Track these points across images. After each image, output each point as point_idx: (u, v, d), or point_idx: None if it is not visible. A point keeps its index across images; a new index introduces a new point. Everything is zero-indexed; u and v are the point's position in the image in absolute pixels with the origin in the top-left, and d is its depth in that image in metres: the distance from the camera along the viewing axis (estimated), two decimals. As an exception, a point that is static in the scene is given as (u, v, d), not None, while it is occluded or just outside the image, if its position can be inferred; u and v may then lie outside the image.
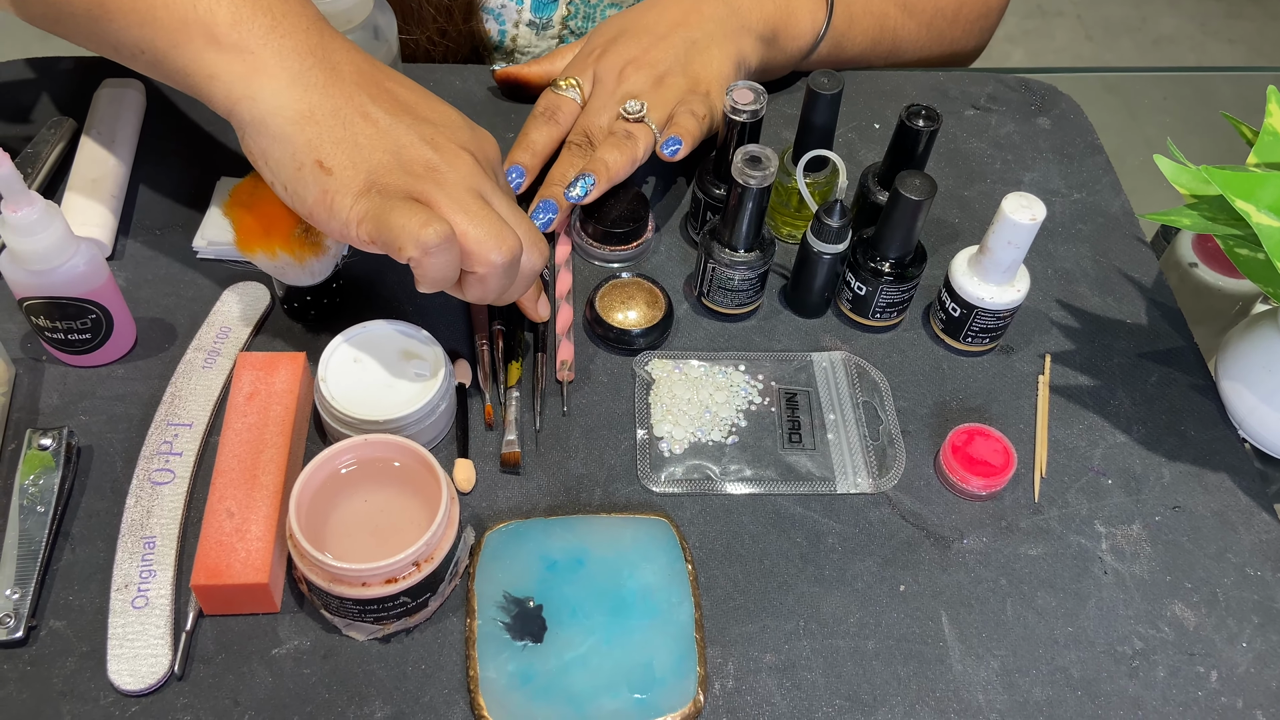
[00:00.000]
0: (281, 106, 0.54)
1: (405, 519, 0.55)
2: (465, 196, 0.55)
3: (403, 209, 0.52)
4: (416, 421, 0.59)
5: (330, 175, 0.54)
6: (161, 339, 0.65)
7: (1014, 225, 0.62)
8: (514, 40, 0.88)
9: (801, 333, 0.70)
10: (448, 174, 0.55)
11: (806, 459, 0.63)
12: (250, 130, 0.55)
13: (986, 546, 0.60)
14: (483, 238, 0.54)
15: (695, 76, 0.73)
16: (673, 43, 0.73)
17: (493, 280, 0.56)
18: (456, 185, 0.55)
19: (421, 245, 0.52)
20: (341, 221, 0.54)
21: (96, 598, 0.54)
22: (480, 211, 0.55)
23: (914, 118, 0.66)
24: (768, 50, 0.78)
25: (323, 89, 0.55)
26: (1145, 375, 0.69)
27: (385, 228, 0.52)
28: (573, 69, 0.75)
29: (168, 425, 0.60)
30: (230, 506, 0.54)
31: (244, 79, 0.54)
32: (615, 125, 0.71)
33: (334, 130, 0.54)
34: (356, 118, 0.55)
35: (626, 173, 0.69)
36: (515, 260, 0.56)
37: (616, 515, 0.59)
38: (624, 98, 0.71)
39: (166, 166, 0.74)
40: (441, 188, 0.54)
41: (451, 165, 0.56)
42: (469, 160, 0.57)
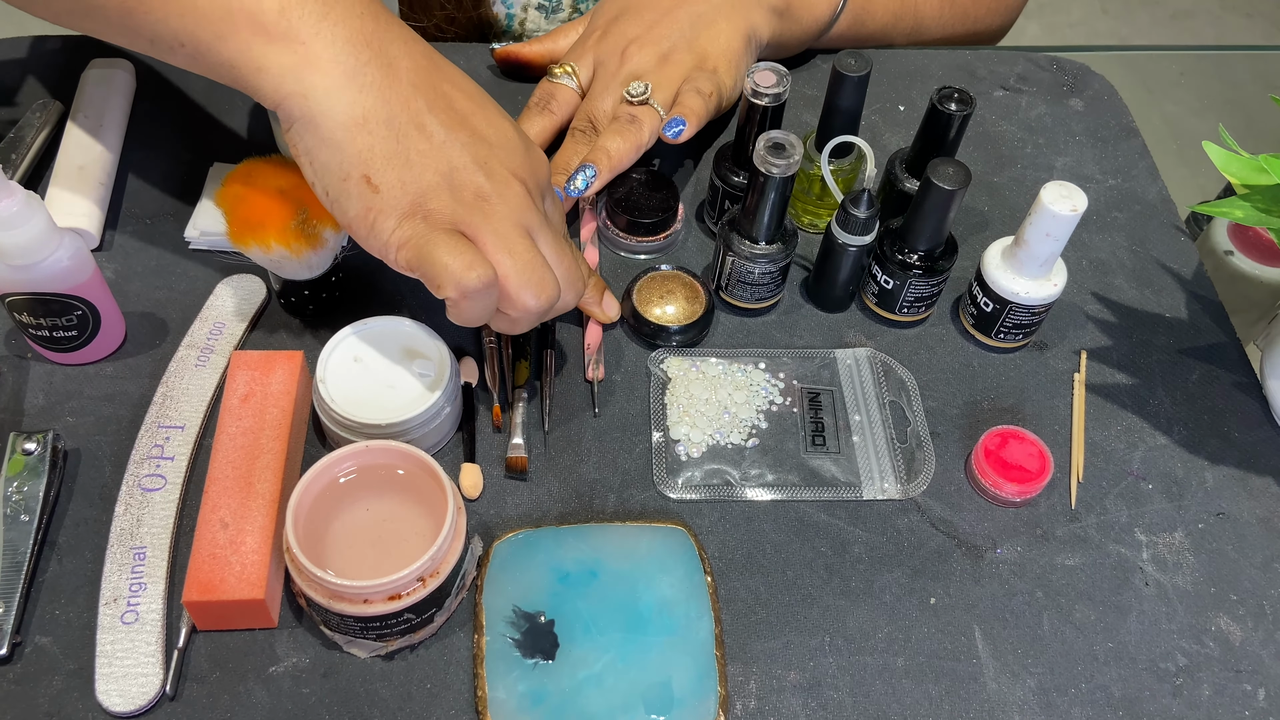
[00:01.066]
0: (334, 109, 0.50)
1: (409, 529, 0.52)
2: (512, 234, 0.52)
3: (447, 245, 0.50)
4: (421, 425, 0.56)
5: (377, 193, 0.50)
6: (152, 335, 0.62)
7: (1053, 216, 0.58)
8: (522, 24, 0.84)
9: (824, 328, 0.66)
10: (497, 206, 0.52)
11: (830, 463, 0.60)
12: (299, 127, 0.51)
13: (1021, 556, 0.57)
14: (523, 283, 0.52)
15: (702, 52, 0.69)
16: (677, 18, 0.70)
17: (524, 322, 0.54)
18: (504, 220, 0.52)
19: (462, 289, 0.50)
20: (381, 243, 0.51)
21: (84, 612, 0.51)
22: (525, 253, 0.52)
23: (946, 101, 0.62)
24: (781, 23, 0.74)
25: (378, 91, 0.51)
26: (1186, 373, 0.66)
27: (427, 262, 0.50)
28: (572, 54, 0.72)
29: (159, 428, 0.57)
30: (224, 516, 0.51)
31: (294, 73, 0.50)
32: (619, 109, 0.67)
33: (387, 143, 0.50)
34: (411, 129, 0.51)
35: (631, 159, 0.66)
36: (551, 304, 0.53)
37: (631, 524, 0.56)
38: (627, 79, 0.68)
39: (157, 152, 0.71)
40: (489, 221, 0.52)
41: (502, 196, 0.52)
42: (520, 190, 0.53)
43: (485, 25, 0.84)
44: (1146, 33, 2.40)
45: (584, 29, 0.74)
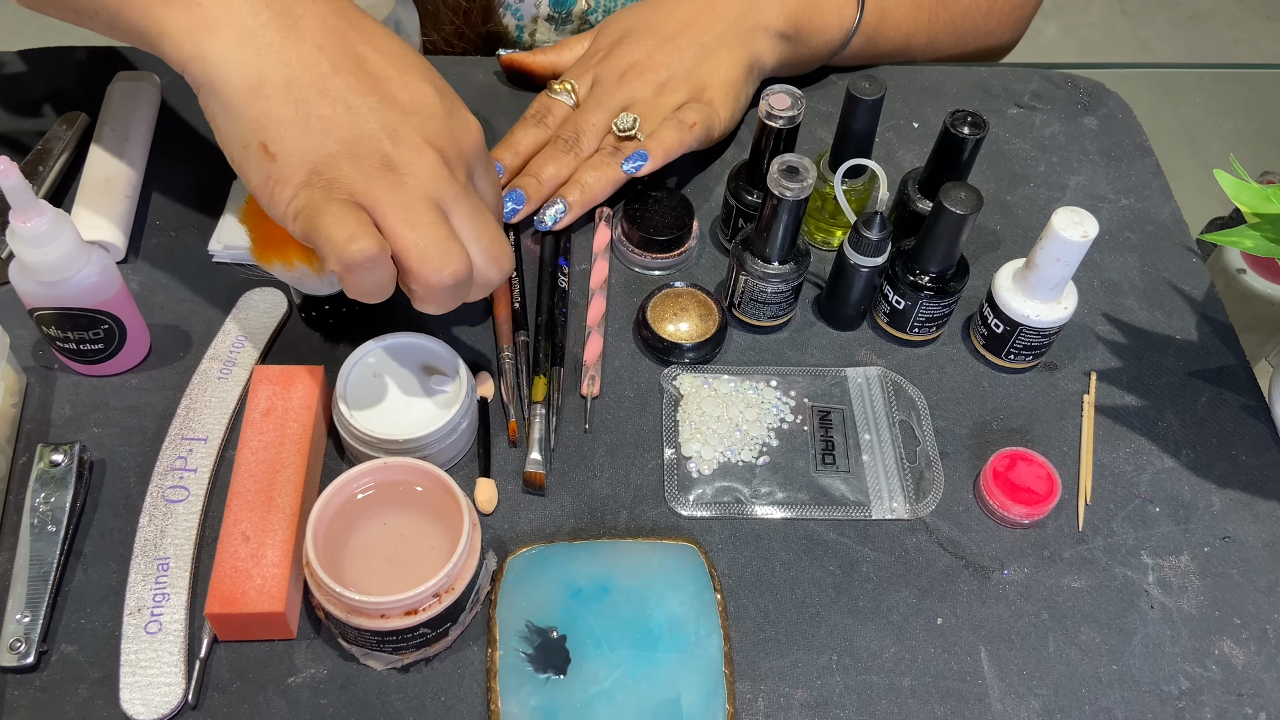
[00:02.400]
0: (230, 73, 0.49)
1: (425, 544, 0.53)
2: (418, 206, 0.49)
3: (335, 216, 0.47)
4: (438, 440, 0.57)
5: (274, 161, 0.49)
6: (176, 347, 0.63)
7: (1064, 242, 0.59)
8: (532, 35, 0.85)
9: (836, 346, 0.67)
10: (404, 176, 0.50)
11: (840, 482, 0.61)
12: (203, 93, 0.50)
13: (1028, 578, 0.58)
14: (425, 257, 0.49)
15: (701, 84, 0.70)
16: (679, 45, 0.70)
17: (433, 299, 0.51)
18: (410, 191, 0.49)
19: (344, 261, 0.47)
20: (279, 213, 0.50)
21: (109, 621, 0.53)
22: (429, 227, 0.49)
23: (959, 124, 0.62)
24: (790, 48, 0.75)
25: (277, 52, 0.49)
26: (1195, 395, 0.66)
27: (314, 232, 0.48)
28: (574, 71, 0.73)
29: (182, 440, 0.58)
30: (246, 530, 0.53)
31: (192, 35, 0.49)
32: (604, 141, 0.69)
33: (284, 109, 0.49)
34: (313, 94, 0.49)
35: (606, 193, 0.68)
36: (462, 281, 0.50)
37: (643, 540, 0.57)
38: (621, 104, 0.69)
39: (181, 165, 0.72)
40: (392, 192, 0.49)
41: (410, 166, 0.50)
42: (433, 160, 0.51)
43: (495, 39, 0.85)
44: (1165, 35, 2.39)
45: (589, 45, 0.75)
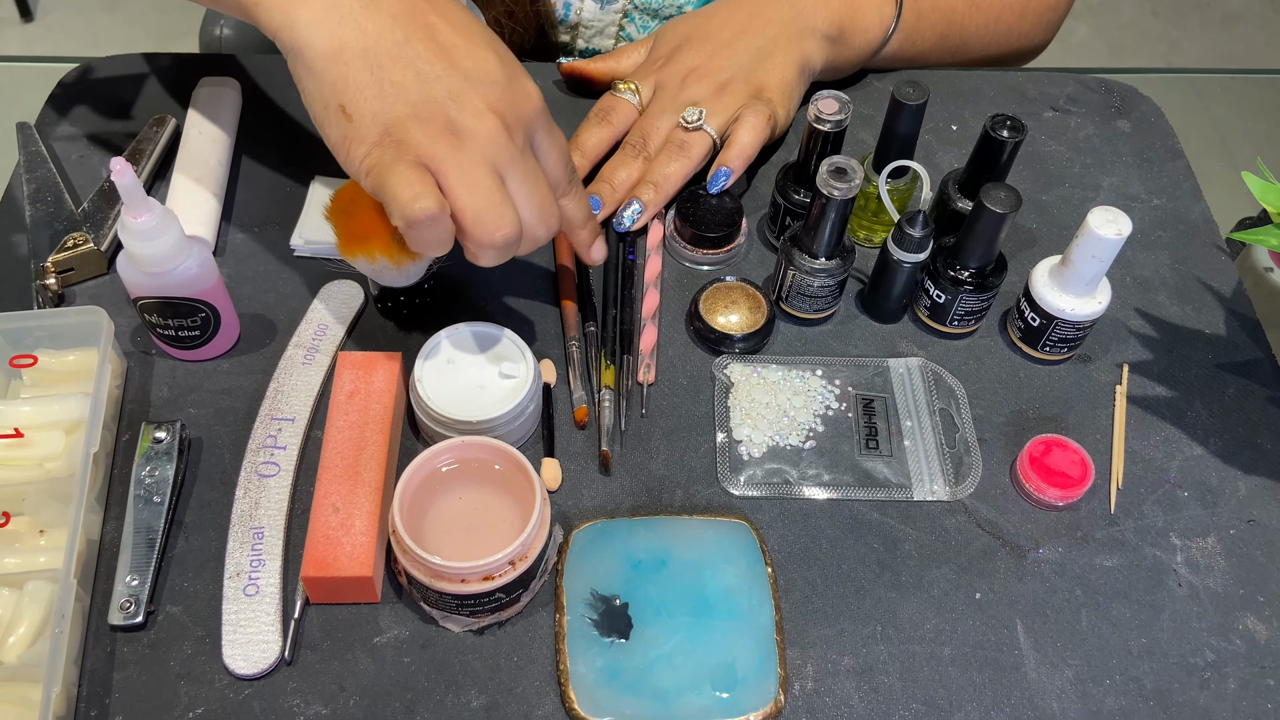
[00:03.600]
0: (313, 40, 0.53)
1: (498, 517, 0.57)
2: (477, 170, 0.53)
3: (401, 175, 0.52)
4: (507, 422, 0.61)
5: (350, 122, 0.53)
6: (262, 335, 0.68)
7: (1099, 240, 0.62)
8: (579, 13, 0.89)
9: (878, 338, 0.71)
10: (465, 141, 0.54)
11: (883, 465, 0.65)
12: (290, 58, 0.55)
13: (1062, 557, 0.61)
14: (480, 219, 0.53)
15: (759, 85, 0.74)
16: (737, 50, 0.74)
17: (485, 256, 0.55)
18: (470, 155, 0.53)
19: (407, 218, 0.52)
20: (354, 170, 0.55)
21: (210, 584, 0.57)
22: (486, 190, 0.53)
23: (999, 128, 0.66)
24: (834, 49, 0.78)
25: (356, 21, 0.53)
26: (1223, 387, 0.69)
27: (382, 189, 0.53)
28: (636, 75, 0.77)
29: (271, 420, 0.63)
30: (335, 502, 0.57)
31: (282, 6, 0.54)
32: (672, 134, 0.72)
33: (360, 74, 0.53)
34: (386, 60, 0.53)
35: (679, 184, 0.72)
36: (511, 241, 0.54)
37: (698, 517, 0.61)
38: (684, 104, 0.73)
39: (263, 164, 0.77)
40: (454, 155, 0.53)
41: (471, 131, 0.54)
42: (494, 125, 0.54)
43: (543, 19, 0.89)
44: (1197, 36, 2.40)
45: (646, 51, 0.79)
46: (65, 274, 0.68)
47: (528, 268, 0.73)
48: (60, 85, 0.81)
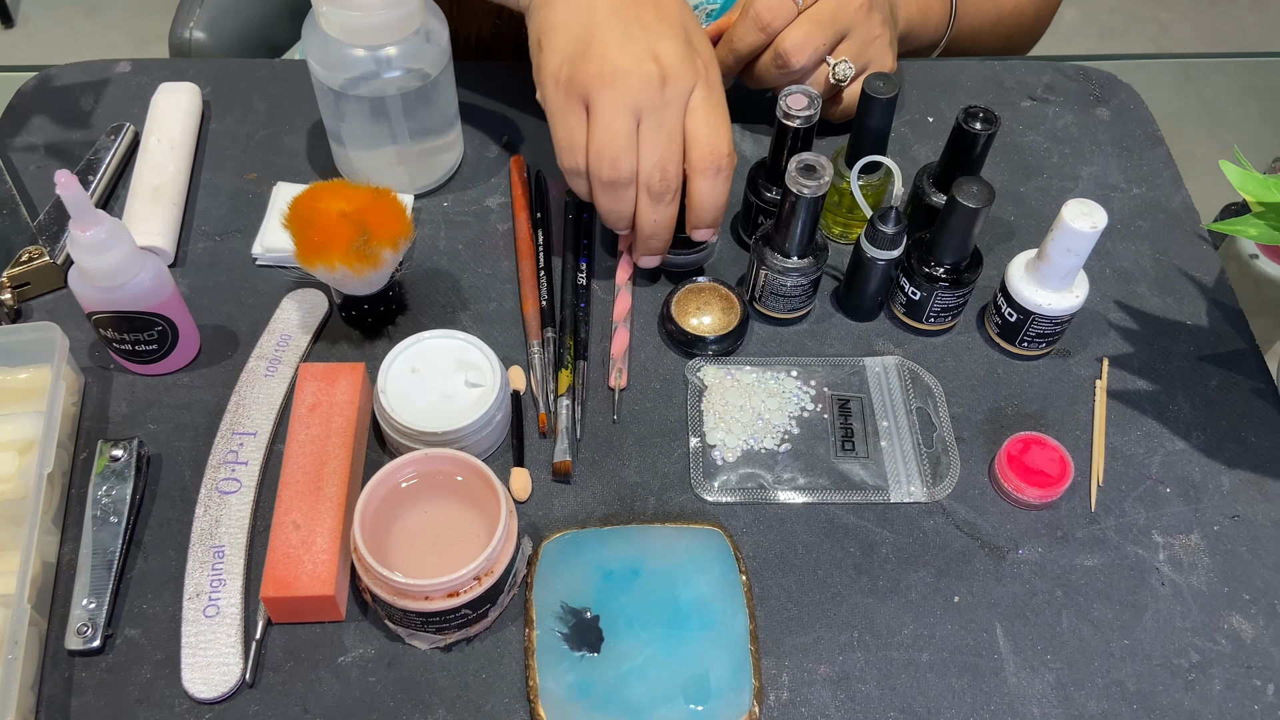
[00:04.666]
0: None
1: (465, 530, 0.56)
2: (615, 109, 0.59)
3: (564, 124, 0.61)
4: (474, 432, 0.60)
5: (541, 53, 0.62)
6: (224, 346, 0.66)
7: (1074, 233, 0.61)
8: None
9: (854, 337, 0.69)
10: (618, 82, 0.59)
11: (860, 467, 0.63)
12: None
13: (1042, 557, 0.60)
14: (598, 153, 0.60)
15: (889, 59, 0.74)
16: (875, 17, 0.73)
17: (602, 195, 0.62)
18: (617, 95, 0.59)
19: (563, 167, 0.63)
20: (541, 99, 0.63)
21: (169, 606, 0.56)
22: (614, 129, 0.59)
23: (971, 120, 0.65)
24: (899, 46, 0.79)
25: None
26: (1205, 379, 0.68)
27: (553, 130, 0.62)
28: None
29: (233, 434, 0.61)
30: (296, 519, 0.56)
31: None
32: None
33: (556, 14, 0.61)
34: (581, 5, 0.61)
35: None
36: (618, 182, 0.61)
37: (670, 525, 0.60)
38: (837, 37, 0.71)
39: (223, 171, 0.75)
40: (602, 94, 0.59)
41: (625, 73, 0.59)
42: (648, 71, 0.59)
43: None
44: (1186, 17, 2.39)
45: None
46: (21, 289, 0.67)
47: (496, 270, 0.71)
48: (19, 94, 0.80)
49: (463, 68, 0.75)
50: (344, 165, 0.74)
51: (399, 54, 0.67)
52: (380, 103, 0.68)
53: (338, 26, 0.65)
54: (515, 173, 0.75)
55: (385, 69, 0.67)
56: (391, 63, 0.67)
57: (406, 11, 0.66)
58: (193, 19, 1.13)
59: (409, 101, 0.69)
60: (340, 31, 0.65)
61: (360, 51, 0.66)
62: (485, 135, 0.78)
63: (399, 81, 0.68)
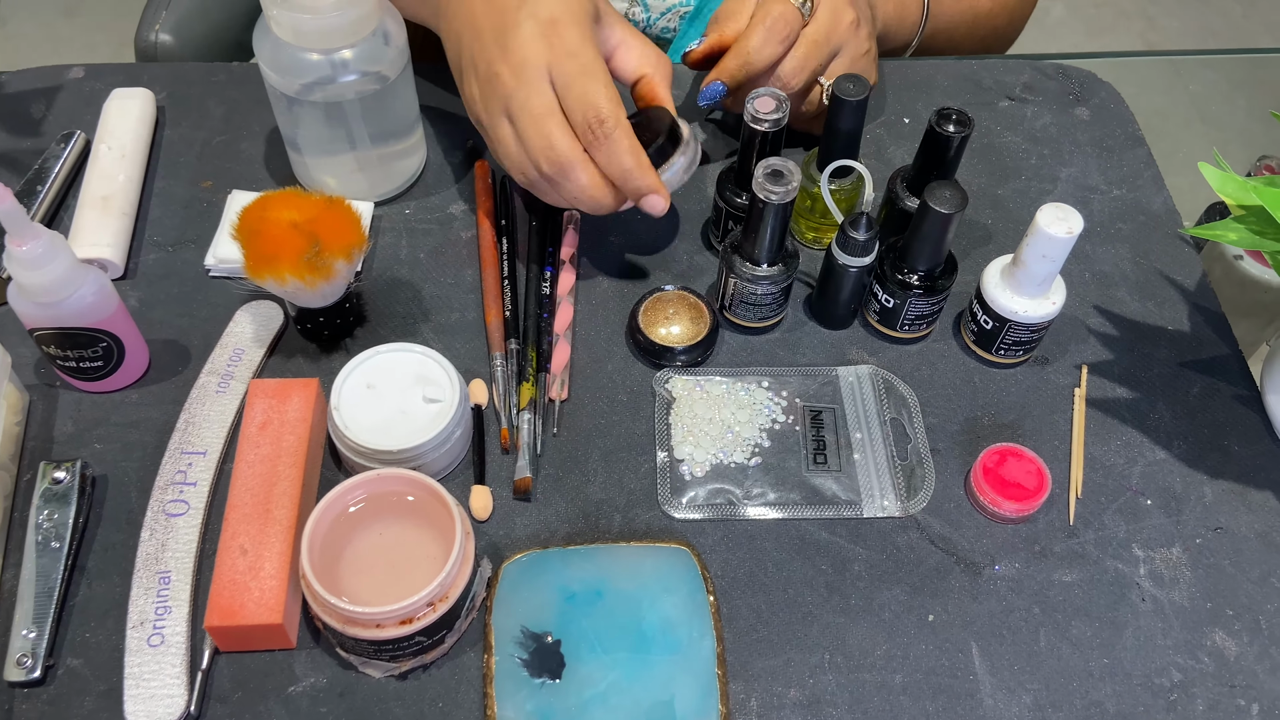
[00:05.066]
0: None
1: (421, 552, 0.54)
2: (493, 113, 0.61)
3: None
4: (432, 450, 0.58)
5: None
6: (175, 362, 0.64)
7: (1049, 239, 0.59)
8: None
9: (827, 345, 0.67)
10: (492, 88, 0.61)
11: (832, 481, 0.61)
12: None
13: (1019, 573, 0.58)
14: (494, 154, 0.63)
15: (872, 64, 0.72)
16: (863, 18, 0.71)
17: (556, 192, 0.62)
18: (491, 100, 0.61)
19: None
20: None
21: (113, 635, 0.54)
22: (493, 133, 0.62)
23: (944, 122, 0.63)
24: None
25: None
26: (1187, 386, 0.66)
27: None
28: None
29: (181, 454, 0.59)
30: (243, 543, 0.54)
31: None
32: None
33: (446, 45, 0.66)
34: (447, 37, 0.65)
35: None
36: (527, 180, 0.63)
37: (636, 544, 0.58)
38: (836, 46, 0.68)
39: (177, 179, 0.73)
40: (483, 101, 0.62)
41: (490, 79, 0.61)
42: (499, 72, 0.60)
43: None
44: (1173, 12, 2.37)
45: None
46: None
47: (459, 279, 0.69)
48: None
49: (424, 69, 0.73)
50: (302, 173, 0.72)
51: (355, 57, 0.65)
52: (337, 107, 0.66)
53: (289, 30, 0.63)
54: (479, 178, 0.73)
55: (341, 73, 0.65)
56: (348, 66, 0.65)
57: (361, 13, 0.63)
58: (158, 21, 1.11)
59: (367, 106, 0.67)
60: (292, 35, 0.63)
61: (315, 55, 0.64)
62: (449, 139, 0.76)
63: (356, 85, 0.66)
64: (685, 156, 0.63)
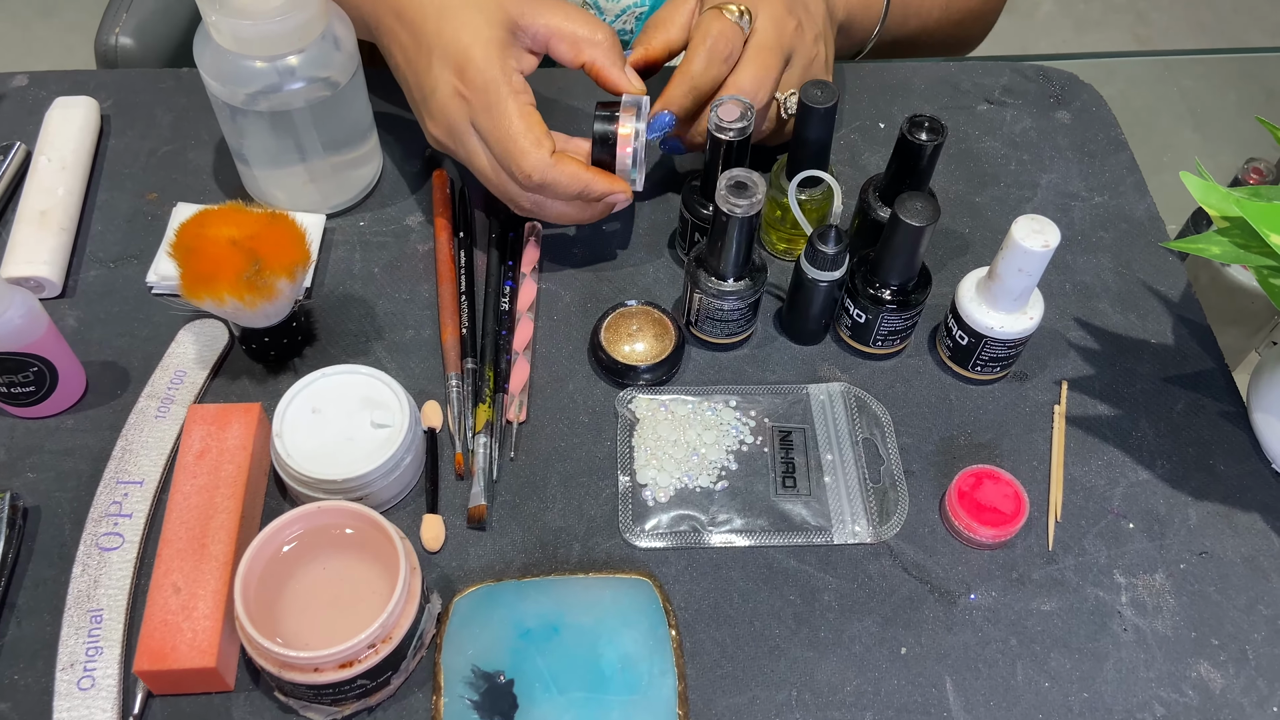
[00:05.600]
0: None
1: (366, 588, 0.51)
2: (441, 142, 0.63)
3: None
4: (380, 477, 0.55)
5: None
6: (114, 385, 0.61)
7: (1025, 252, 0.56)
8: None
9: (798, 362, 0.65)
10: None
11: (801, 506, 0.59)
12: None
13: (995, 602, 0.56)
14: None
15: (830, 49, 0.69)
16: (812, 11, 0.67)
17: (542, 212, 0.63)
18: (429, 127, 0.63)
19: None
20: None
21: (43, 676, 0.51)
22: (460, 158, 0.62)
23: (916, 130, 0.60)
24: (840, 39, 0.74)
25: None
26: (1171, 402, 0.64)
27: None
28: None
29: (117, 484, 0.56)
30: (177, 581, 0.51)
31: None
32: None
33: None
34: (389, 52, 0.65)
35: None
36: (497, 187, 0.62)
37: (595, 575, 0.55)
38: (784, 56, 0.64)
39: (122, 191, 0.70)
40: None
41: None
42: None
43: None
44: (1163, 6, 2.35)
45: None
46: (-107, 324, 0.61)
47: (415, 294, 0.66)
48: (-93, 110, 0.74)
49: (376, 74, 0.70)
50: (250, 185, 0.69)
51: (302, 63, 0.62)
52: (285, 117, 0.63)
53: (229, 37, 0.60)
54: (437, 188, 0.70)
55: (289, 80, 0.62)
56: (295, 73, 0.62)
57: (306, 17, 0.60)
58: (119, 24, 1.07)
59: (317, 113, 0.64)
60: (233, 43, 0.60)
61: (259, 63, 0.61)
62: (405, 147, 0.74)
63: (305, 93, 0.63)
64: (631, 146, 0.61)
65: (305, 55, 0.62)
